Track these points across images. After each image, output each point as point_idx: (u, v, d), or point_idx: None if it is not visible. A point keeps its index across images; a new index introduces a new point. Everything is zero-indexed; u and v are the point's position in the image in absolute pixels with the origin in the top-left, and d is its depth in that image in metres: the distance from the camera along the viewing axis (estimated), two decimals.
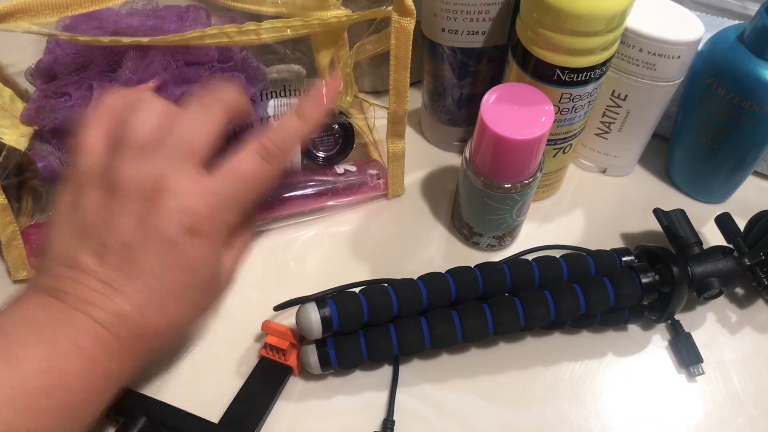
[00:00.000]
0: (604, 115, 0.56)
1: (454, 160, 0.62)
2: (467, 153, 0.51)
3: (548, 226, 0.59)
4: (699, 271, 0.49)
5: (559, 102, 0.50)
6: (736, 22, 0.56)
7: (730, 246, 0.52)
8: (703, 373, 0.51)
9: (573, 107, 0.51)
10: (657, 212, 0.54)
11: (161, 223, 0.38)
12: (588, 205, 0.60)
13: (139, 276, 0.38)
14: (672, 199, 0.60)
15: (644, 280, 0.48)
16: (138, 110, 0.40)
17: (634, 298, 0.49)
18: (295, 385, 0.49)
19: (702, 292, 0.50)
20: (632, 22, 0.50)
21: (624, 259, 0.51)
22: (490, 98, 0.48)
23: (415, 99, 0.65)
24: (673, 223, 0.52)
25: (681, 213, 0.53)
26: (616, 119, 0.56)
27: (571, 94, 0.49)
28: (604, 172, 0.62)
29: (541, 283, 0.49)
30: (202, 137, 0.40)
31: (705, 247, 0.52)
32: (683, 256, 0.51)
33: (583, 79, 0.48)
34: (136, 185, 0.38)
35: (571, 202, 0.60)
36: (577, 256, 0.51)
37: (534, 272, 0.49)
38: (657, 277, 0.49)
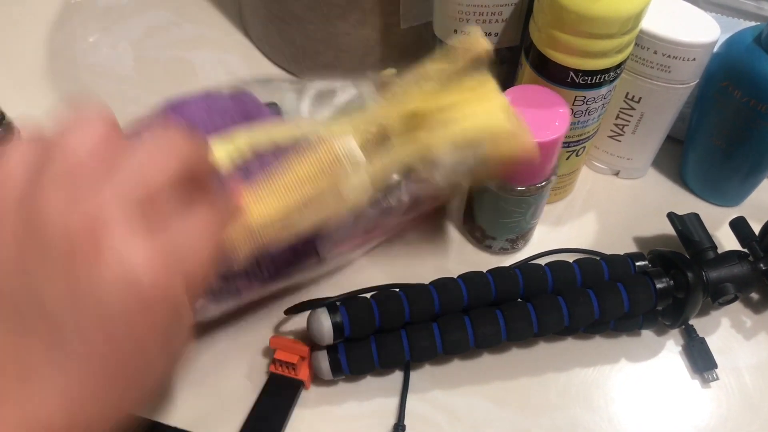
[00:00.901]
0: (617, 117, 0.56)
1: None
2: None
3: (561, 229, 0.58)
4: (714, 276, 0.49)
5: (573, 104, 0.49)
6: (752, 23, 0.55)
7: (746, 250, 0.51)
8: (718, 378, 0.50)
9: (587, 110, 0.50)
10: (671, 216, 0.53)
11: (98, 291, 0.26)
12: (601, 208, 0.59)
13: (67, 361, 0.27)
14: (686, 202, 0.60)
15: (658, 286, 0.48)
16: (74, 127, 0.28)
17: (648, 303, 0.48)
18: (305, 390, 0.48)
19: (717, 297, 0.49)
20: (647, 23, 0.49)
21: (638, 264, 0.51)
22: None
23: None
24: (687, 227, 0.52)
25: (695, 217, 0.52)
26: (629, 121, 0.55)
27: (585, 97, 0.49)
28: (617, 174, 0.61)
29: (554, 289, 0.49)
30: (157, 176, 0.28)
31: (720, 251, 0.51)
32: (698, 260, 0.50)
33: (597, 81, 0.48)
34: (63, 228, 0.26)
35: (583, 205, 0.60)
36: (590, 261, 0.50)
37: (547, 277, 0.49)
38: (671, 282, 0.48)
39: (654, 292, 0.48)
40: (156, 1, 0.73)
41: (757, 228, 0.53)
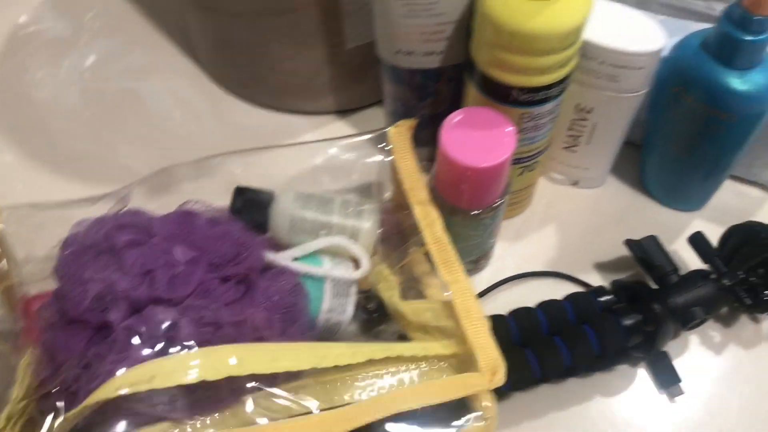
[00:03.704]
0: (570, 128, 0.54)
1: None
2: (431, 182, 0.49)
3: (520, 245, 0.57)
4: (680, 303, 0.47)
5: (519, 122, 0.48)
6: (703, 24, 0.54)
7: (707, 268, 0.50)
8: (683, 393, 0.49)
9: (534, 126, 0.49)
10: (629, 243, 0.52)
11: None
12: (561, 220, 0.58)
13: None
14: (647, 210, 0.59)
15: (626, 323, 0.47)
16: None
17: (618, 343, 0.47)
18: None
19: (686, 323, 0.48)
20: (591, 34, 0.48)
21: (602, 299, 0.49)
22: (448, 125, 0.46)
23: (378, 119, 0.63)
24: (646, 252, 0.50)
25: (653, 240, 0.51)
26: (583, 132, 0.54)
27: (531, 114, 0.48)
28: (575, 184, 0.60)
29: (520, 340, 0.47)
30: None
31: (684, 262, 0.50)
32: (662, 285, 0.49)
33: (541, 98, 0.47)
34: None
35: (543, 218, 0.58)
36: (553, 305, 0.49)
37: (511, 328, 0.47)
38: (639, 317, 0.47)
39: (622, 330, 0.47)
40: (104, 31, 0.71)
41: (720, 230, 0.52)
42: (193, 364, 0.37)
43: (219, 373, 0.36)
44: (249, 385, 0.39)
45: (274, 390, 0.39)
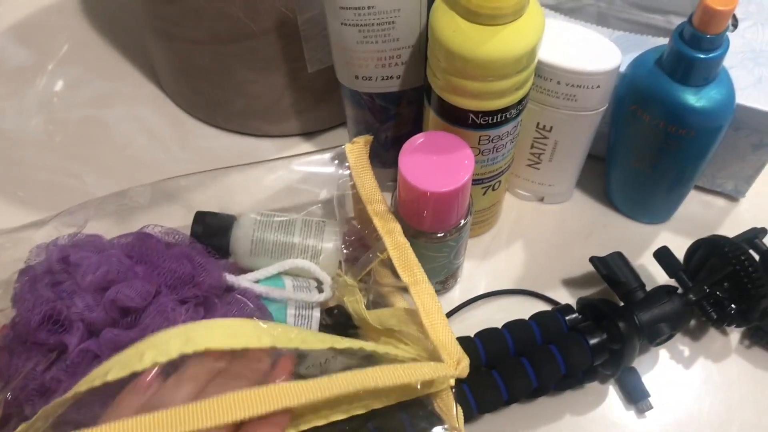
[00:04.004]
0: (532, 146, 0.54)
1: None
2: (393, 206, 0.49)
3: (488, 263, 0.57)
4: (646, 319, 0.47)
5: (479, 144, 0.48)
6: (662, 39, 0.54)
7: (674, 284, 0.50)
8: (652, 407, 0.49)
9: (494, 147, 0.49)
10: (593, 261, 0.52)
11: None
12: (528, 237, 0.58)
13: None
14: (614, 223, 0.59)
15: (592, 342, 0.47)
16: None
17: (585, 362, 0.47)
18: None
19: (653, 339, 0.48)
20: (547, 55, 0.48)
21: (568, 318, 0.49)
22: (407, 150, 0.46)
23: (343, 140, 0.63)
24: (611, 269, 0.51)
25: (618, 256, 0.51)
26: (545, 150, 0.54)
27: (490, 136, 0.48)
28: (542, 200, 0.60)
29: (487, 362, 0.48)
30: None
31: (650, 277, 0.50)
32: (628, 301, 0.49)
33: (499, 120, 0.47)
34: None
35: (510, 235, 0.58)
36: (520, 325, 0.49)
37: (478, 350, 0.48)
38: (605, 335, 0.47)
39: (588, 349, 0.47)
40: (67, 59, 0.71)
41: (688, 242, 0.52)
42: (144, 350, 0.35)
43: (171, 353, 0.35)
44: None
45: None
